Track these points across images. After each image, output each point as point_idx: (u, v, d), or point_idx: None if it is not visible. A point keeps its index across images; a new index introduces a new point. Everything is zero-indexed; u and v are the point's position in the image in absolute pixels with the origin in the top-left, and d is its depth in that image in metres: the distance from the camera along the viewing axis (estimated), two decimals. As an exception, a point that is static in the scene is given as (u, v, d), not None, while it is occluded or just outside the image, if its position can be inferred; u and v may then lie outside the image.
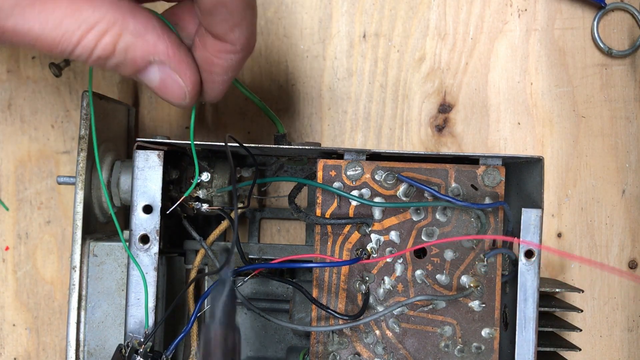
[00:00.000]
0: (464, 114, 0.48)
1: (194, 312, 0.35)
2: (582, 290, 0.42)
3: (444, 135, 0.48)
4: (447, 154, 0.37)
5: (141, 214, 0.35)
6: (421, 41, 0.48)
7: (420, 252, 0.38)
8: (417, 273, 0.37)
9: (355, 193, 0.37)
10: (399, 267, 0.38)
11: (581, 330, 0.41)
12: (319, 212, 0.37)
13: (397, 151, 0.39)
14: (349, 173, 0.37)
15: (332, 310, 0.37)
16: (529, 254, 0.36)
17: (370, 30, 0.48)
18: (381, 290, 0.37)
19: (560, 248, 0.48)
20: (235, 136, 0.33)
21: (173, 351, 0.34)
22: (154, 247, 0.35)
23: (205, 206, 0.38)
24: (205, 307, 0.39)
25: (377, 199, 0.37)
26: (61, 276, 0.48)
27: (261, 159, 0.45)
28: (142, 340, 0.34)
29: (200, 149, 0.39)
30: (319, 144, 0.43)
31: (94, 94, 0.37)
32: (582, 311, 0.41)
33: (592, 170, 0.48)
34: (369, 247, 0.37)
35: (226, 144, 0.32)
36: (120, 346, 0.34)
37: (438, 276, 0.37)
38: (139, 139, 0.36)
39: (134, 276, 0.35)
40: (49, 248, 0.48)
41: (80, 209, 0.37)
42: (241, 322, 0.45)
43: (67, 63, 0.40)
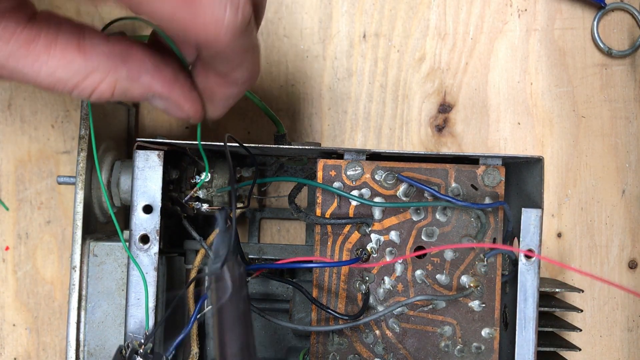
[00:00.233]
0: (464, 114, 0.48)
1: (194, 312, 0.35)
2: (582, 290, 0.42)
3: (444, 135, 0.48)
4: (447, 154, 0.37)
5: (141, 214, 0.35)
6: (421, 41, 0.48)
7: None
8: (417, 273, 0.37)
9: (355, 193, 0.37)
10: (399, 267, 0.38)
11: (581, 330, 0.41)
12: (319, 212, 0.37)
13: (397, 151, 0.39)
14: (349, 173, 0.37)
15: (332, 310, 0.37)
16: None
17: (370, 30, 0.48)
18: (381, 290, 0.37)
19: (560, 248, 0.48)
20: (235, 136, 0.33)
21: (173, 352, 0.34)
22: (154, 247, 0.35)
23: (205, 206, 0.38)
24: (206, 309, 0.38)
25: (377, 199, 0.37)
26: (61, 276, 0.48)
27: (261, 159, 0.45)
28: (142, 341, 0.34)
29: (199, 149, 0.39)
30: (319, 144, 0.43)
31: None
32: (582, 311, 0.41)
33: (592, 170, 0.48)
34: (369, 247, 0.37)
35: (225, 144, 0.32)
36: (120, 347, 0.34)
37: (438, 276, 0.37)
38: (139, 139, 0.36)
39: (134, 276, 0.35)
40: (49, 248, 0.48)
41: (80, 209, 0.37)
42: (241, 322, 0.45)
43: None
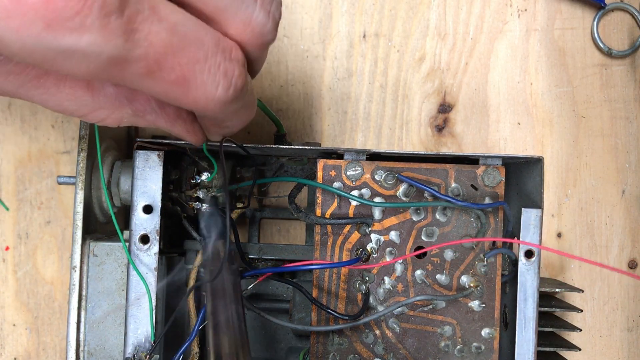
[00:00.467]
0: (464, 114, 0.48)
1: (196, 323, 0.35)
2: (582, 290, 0.42)
3: (444, 135, 0.48)
4: (447, 154, 0.37)
5: (141, 214, 0.35)
6: (421, 41, 0.48)
7: (420, 252, 0.38)
8: (417, 273, 0.37)
9: (355, 193, 0.37)
10: (399, 267, 0.38)
11: (581, 330, 0.41)
12: (319, 212, 0.37)
13: (397, 151, 0.39)
14: (349, 173, 0.37)
15: (332, 310, 0.37)
16: (528, 254, 0.36)
17: (370, 30, 0.48)
18: (381, 290, 0.37)
19: (560, 248, 0.48)
20: (236, 136, 0.33)
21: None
22: (154, 247, 0.35)
23: (205, 206, 0.38)
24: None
25: (377, 199, 0.37)
26: (61, 276, 0.48)
27: (261, 159, 0.45)
28: (148, 353, 0.35)
29: (199, 149, 0.39)
30: (319, 144, 0.43)
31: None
32: (582, 311, 0.41)
33: (592, 170, 0.48)
34: (368, 247, 0.37)
35: (220, 145, 0.32)
36: (127, 359, 0.35)
37: (438, 276, 0.37)
38: (139, 139, 0.36)
39: (134, 276, 0.35)
40: (49, 248, 0.48)
41: (80, 209, 0.37)
42: (241, 322, 0.45)
43: None
